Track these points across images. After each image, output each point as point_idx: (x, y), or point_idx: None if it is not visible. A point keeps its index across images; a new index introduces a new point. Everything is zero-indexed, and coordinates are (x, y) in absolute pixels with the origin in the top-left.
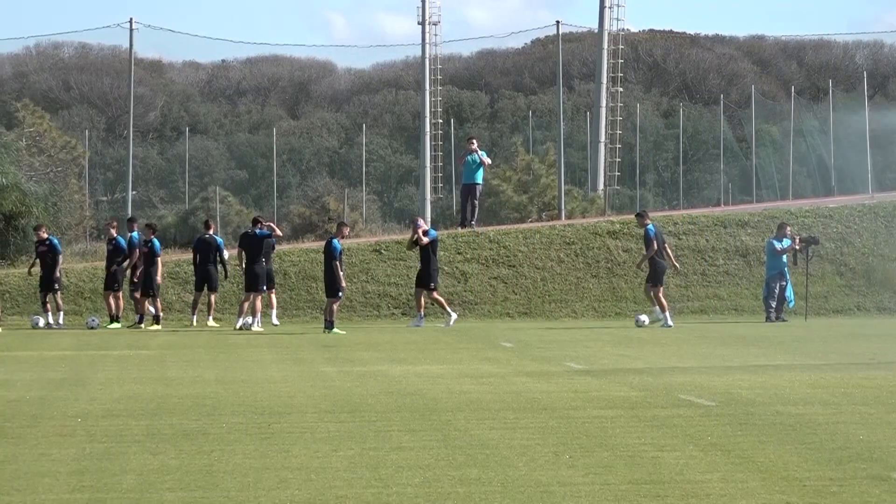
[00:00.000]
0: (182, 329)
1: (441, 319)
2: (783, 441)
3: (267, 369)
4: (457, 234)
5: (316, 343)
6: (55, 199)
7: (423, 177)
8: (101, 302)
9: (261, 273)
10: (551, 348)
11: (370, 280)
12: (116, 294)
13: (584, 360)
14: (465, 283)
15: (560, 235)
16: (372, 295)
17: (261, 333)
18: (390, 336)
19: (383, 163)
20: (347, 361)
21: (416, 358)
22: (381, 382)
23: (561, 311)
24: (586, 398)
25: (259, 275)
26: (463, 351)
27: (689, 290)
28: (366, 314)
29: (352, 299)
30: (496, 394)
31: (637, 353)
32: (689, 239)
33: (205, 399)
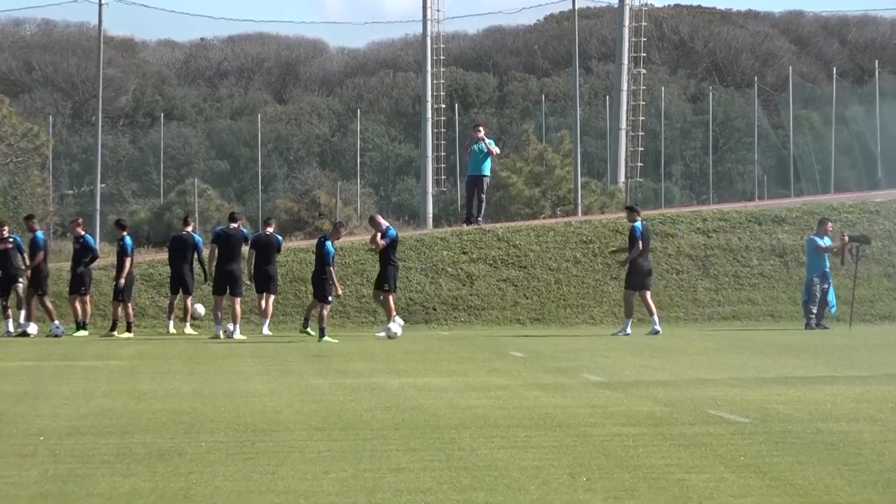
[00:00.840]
0: (156, 337)
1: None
2: (824, 462)
3: (250, 381)
4: (461, 231)
5: (305, 352)
6: (15, 192)
7: (424, 168)
8: (66, 307)
9: (236, 275)
10: (566, 358)
11: (366, 283)
12: (83, 298)
13: (603, 372)
14: (471, 285)
15: (576, 233)
16: (368, 300)
17: (243, 342)
18: (387, 345)
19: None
20: (340, 373)
21: (417, 369)
22: (378, 396)
23: (577, 317)
24: (605, 414)
25: (235, 277)
26: (468, 361)
27: (720, 294)
28: (361, 320)
29: (345, 304)
30: (505, 409)
31: (662, 364)
32: (720, 237)
33: (181, 415)
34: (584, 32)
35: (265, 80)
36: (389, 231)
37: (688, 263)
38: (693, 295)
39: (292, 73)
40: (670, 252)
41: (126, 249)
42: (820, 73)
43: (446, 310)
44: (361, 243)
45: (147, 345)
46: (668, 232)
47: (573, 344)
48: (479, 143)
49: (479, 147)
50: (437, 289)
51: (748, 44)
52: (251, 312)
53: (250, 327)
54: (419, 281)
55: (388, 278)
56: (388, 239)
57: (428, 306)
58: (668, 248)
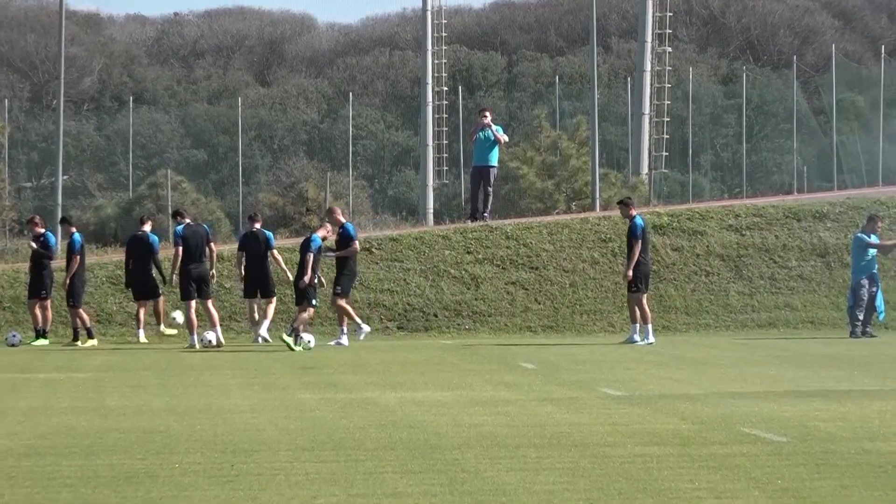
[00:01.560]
0: (125, 346)
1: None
2: (871, 486)
3: (230, 396)
4: (466, 229)
5: (291, 364)
6: None
7: (424, 158)
8: (24, 313)
9: (199, 277)
10: (583, 370)
11: (359, 286)
12: (44, 303)
13: (624, 385)
14: (476, 289)
15: (594, 230)
16: (361, 304)
17: (220, 351)
18: (383, 355)
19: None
20: (330, 386)
21: (415, 382)
22: (372, 412)
23: (595, 324)
24: (627, 432)
25: (198, 279)
26: (473, 374)
27: (754, 299)
28: (353, 327)
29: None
30: (514, 427)
31: (689, 377)
32: (755, 235)
33: (153, 433)
34: (602, 6)
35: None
36: (346, 227)
37: (718, 264)
38: (724, 300)
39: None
40: (699, 252)
41: (74, 247)
42: (866, 52)
43: (449, 316)
44: None
45: (115, 355)
46: (697, 229)
47: (590, 354)
48: (485, 129)
49: (486, 134)
50: (439, 293)
51: (786, 19)
52: (230, 318)
53: (230, 335)
54: (418, 284)
55: (342, 281)
56: (344, 234)
57: (428, 312)
58: (696, 247)
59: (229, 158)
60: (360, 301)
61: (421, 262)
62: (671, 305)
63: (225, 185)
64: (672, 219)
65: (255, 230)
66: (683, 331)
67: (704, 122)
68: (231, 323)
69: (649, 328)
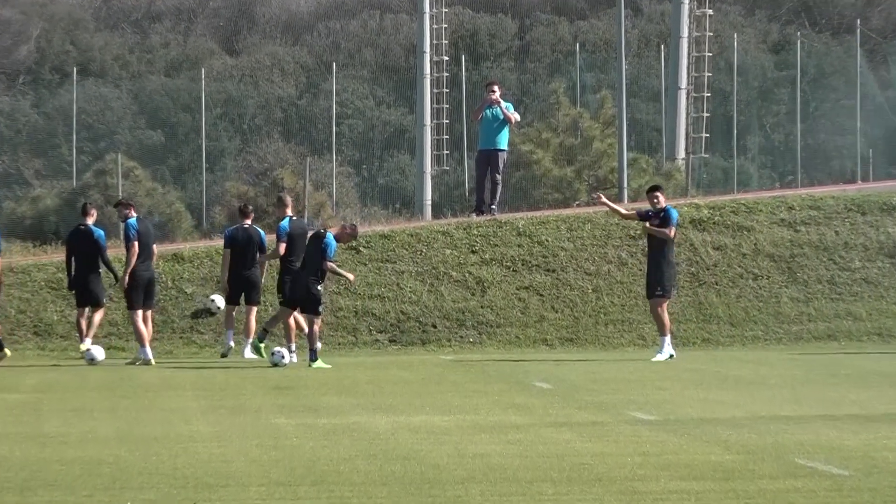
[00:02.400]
0: (68, 363)
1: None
2: None
3: (192, 421)
4: (470, 224)
5: (263, 383)
6: None
7: (421, 141)
8: None
9: (150, 282)
10: (608, 391)
11: (344, 291)
12: None
13: (657, 408)
14: (483, 295)
15: (621, 226)
16: (346, 313)
17: (182, 368)
18: (373, 373)
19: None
20: (310, 410)
21: (411, 405)
22: (359, 441)
23: (622, 336)
24: (660, 464)
25: (148, 284)
26: (479, 394)
27: (810, 306)
28: (337, 340)
29: None
30: (527, 457)
31: (734, 398)
32: (811, 231)
33: (100, 465)
34: None
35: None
36: (280, 228)
37: (768, 266)
38: (775, 307)
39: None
40: (745, 251)
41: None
42: None
43: (450, 327)
44: None
45: (55, 373)
46: (743, 224)
47: (617, 372)
48: (492, 107)
49: (494, 113)
50: (438, 299)
51: None
52: (191, 330)
53: (192, 349)
54: (414, 289)
55: (283, 286)
56: (280, 232)
57: (426, 322)
58: (741, 245)
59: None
60: (346, 309)
61: (417, 264)
62: (712, 314)
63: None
64: (714, 212)
65: (247, 226)
66: (727, 344)
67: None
68: (193, 335)
69: (667, 340)
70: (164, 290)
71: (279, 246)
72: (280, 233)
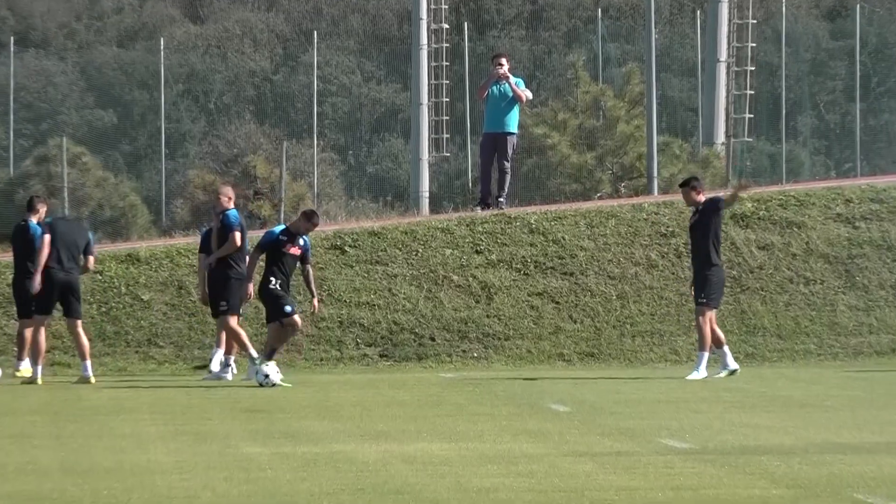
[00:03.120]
0: (7, 382)
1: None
2: None
3: (149, 449)
4: (474, 219)
5: (232, 405)
6: None
7: (417, 122)
8: None
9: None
10: (635, 414)
11: (328, 298)
12: None
13: (693, 435)
14: (489, 302)
15: (650, 221)
16: (330, 323)
17: (136, 388)
18: (360, 393)
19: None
20: (287, 437)
21: (405, 431)
22: (345, 473)
23: (651, 350)
24: (696, 499)
25: (64, 288)
26: (485, 418)
27: (871, 316)
28: (318, 356)
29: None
30: (541, 491)
31: (783, 423)
32: (872, 228)
33: (42, 500)
34: None
35: None
36: (228, 215)
37: (822, 268)
38: (831, 317)
39: None
40: (795, 251)
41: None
42: None
43: (451, 339)
44: (321, 236)
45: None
46: (793, 220)
47: (646, 392)
48: (500, 83)
49: (501, 89)
50: (437, 307)
51: None
52: (149, 343)
53: (150, 365)
54: (409, 295)
55: (224, 293)
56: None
57: (422, 334)
58: (791, 244)
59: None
60: (329, 319)
61: (412, 266)
62: (757, 325)
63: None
64: (758, 206)
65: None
66: (774, 360)
67: (803, 73)
68: (150, 349)
69: (705, 357)
70: (116, 297)
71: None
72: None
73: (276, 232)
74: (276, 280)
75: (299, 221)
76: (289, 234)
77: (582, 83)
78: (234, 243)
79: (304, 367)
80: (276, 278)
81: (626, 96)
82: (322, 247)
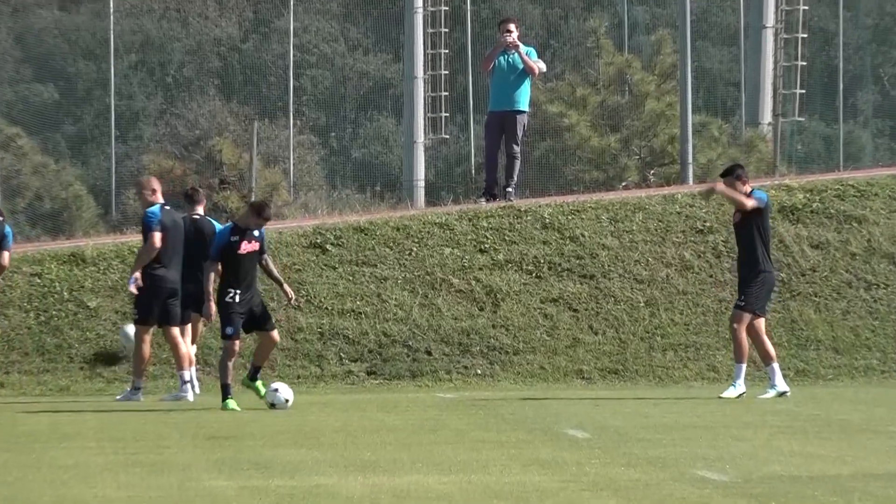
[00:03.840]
0: None
1: None
2: None
3: (96, 482)
4: (477, 212)
5: (194, 431)
6: None
7: (411, 98)
8: None
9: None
10: (666, 441)
11: (307, 305)
12: None
13: (733, 465)
14: (495, 310)
15: (684, 215)
16: (309, 334)
17: (80, 412)
18: (344, 417)
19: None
20: (258, 468)
21: (396, 461)
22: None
23: (686, 366)
24: None
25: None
26: (490, 446)
27: None
28: (295, 372)
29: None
30: None
31: (838, 451)
32: None
33: None
34: None
35: None
36: (148, 214)
37: (887, 270)
38: (842, 321)
39: None
40: (854, 249)
41: None
42: None
43: (450, 353)
44: (298, 233)
45: None
46: (852, 214)
47: (678, 415)
48: (508, 53)
49: (510, 60)
50: (434, 316)
51: None
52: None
53: (96, 382)
54: (401, 302)
55: (141, 302)
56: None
57: (417, 347)
58: (850, 241)
59: (95, 99)
60: (308, 329)
61: (405, 267)
62: (809, 336)
63: (88, 143)
64: (811, 197)
65: (198, 217)
66: (829, 377)
67: (863, 43)
68: (98, 366)
69: (742, 369)
70: (58, 303)
71: (153, 238)
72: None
73: (227, 233)
74: (234, 290)
75: (248, 217)
76: (239, 231)
77: (604, 53)
78: (153, 246)
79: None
80: (234, 288)
81: (656, 68)
82: (299, 245)
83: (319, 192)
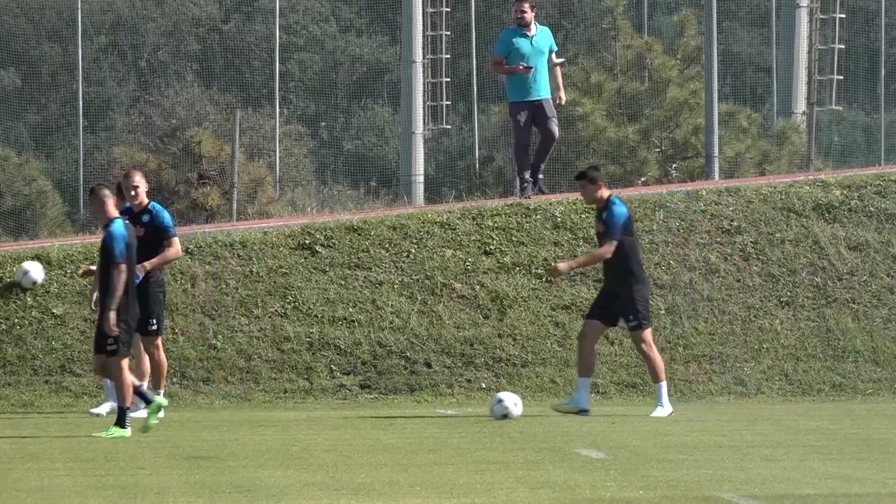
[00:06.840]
0: None
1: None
2: None
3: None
4: (482, 210)
5: (170, 451)
6: None
7: (409, 85)
8: None
9: None
10: (689, 462)
11: (294, 312)
12: None
13: (763, 488)
14: (501, 318)
15: (709, 214)
16: (297, 344)
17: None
18: (335, 435)
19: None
20: (240, 490)
21: (392, 484)
22: None
23: (710, 380)
24: None
25: None
26: (496, 468)
27: None
28: (281, 386)
29: (251, 356)
30: None
31: (878, 473)
32: None
33: None
34: None
35: None
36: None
37: None
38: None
39: None
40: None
41: None
42: None
43: (452, 365)
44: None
45: None
46: (892, 211)
47: (703, 434)
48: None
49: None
50: (434, 324)
51: None
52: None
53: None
54: (398, 309)
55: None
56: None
57: (415, 359)
58: (891, 242)
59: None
60: (295, 340)
61: (402, 271)
62: (847, 347)
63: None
64: (849, 193)
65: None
66: (869, 392)
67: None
68: (64, 377)
69: (662, 388)
70: (20, 310)
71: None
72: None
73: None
74: None
75: (116, 197)
76: (130, 215)
77: (622, 35)
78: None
79: (263, 400)
80: None
81: (679, 52)
82: (286, 246)
83: (308, 188)
